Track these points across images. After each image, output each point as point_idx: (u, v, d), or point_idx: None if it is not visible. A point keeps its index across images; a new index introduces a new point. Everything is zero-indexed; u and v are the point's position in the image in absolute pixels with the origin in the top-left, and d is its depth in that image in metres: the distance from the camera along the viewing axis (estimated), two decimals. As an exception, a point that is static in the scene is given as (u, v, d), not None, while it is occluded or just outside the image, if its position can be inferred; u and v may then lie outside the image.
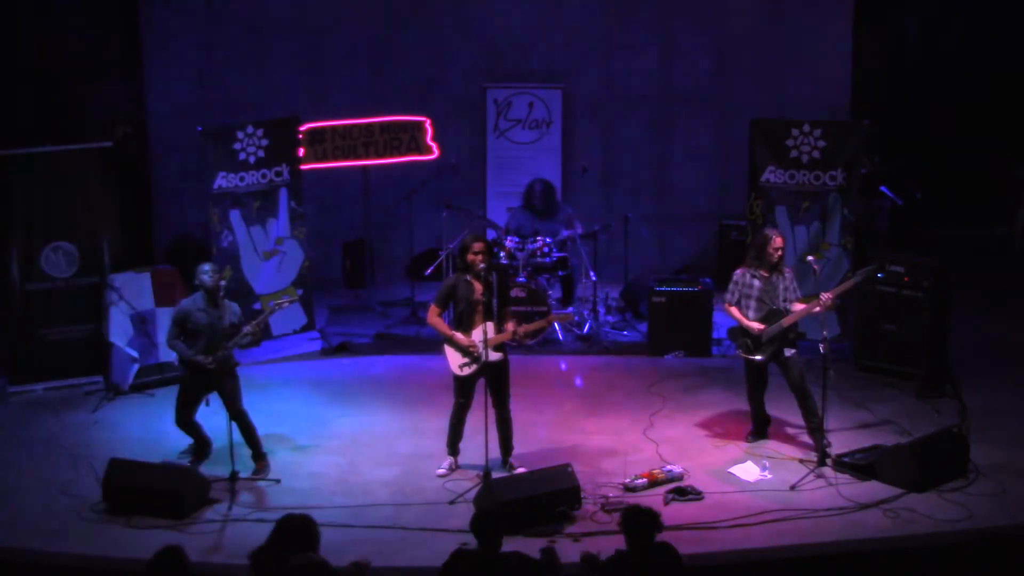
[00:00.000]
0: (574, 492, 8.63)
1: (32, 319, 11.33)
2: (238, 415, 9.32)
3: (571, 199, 14.08)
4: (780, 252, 9.52)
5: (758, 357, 9.56)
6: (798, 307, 9.49)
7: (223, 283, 9.17)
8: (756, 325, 9.51)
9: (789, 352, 9.49)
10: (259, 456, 9.45)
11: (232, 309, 9.37)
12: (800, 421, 9.70)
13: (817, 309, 9.33)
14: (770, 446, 9.79)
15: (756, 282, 9.58)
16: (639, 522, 6.78)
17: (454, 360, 9.22)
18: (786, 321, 9.41)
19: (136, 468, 8.88)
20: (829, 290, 9.60)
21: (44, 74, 13.74)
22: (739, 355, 9.76)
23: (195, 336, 9.23)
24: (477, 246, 9.09)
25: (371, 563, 7.03)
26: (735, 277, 9.72)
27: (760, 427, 9.92)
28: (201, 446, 9.59)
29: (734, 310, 9.66)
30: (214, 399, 9.36)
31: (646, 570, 6.71)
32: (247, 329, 9.21)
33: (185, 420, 9.46)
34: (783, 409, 10.04)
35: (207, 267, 9.31)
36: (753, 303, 9.58)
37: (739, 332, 9.68)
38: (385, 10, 14.65)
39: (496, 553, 6.78)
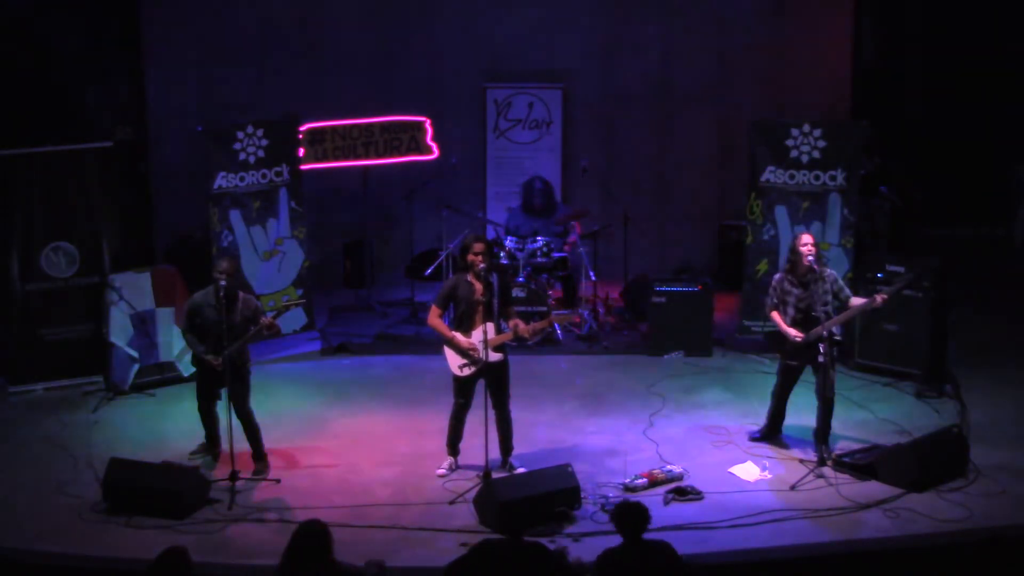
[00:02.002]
0: (574, 492, 8.62)
1: (32, 319, 11.33)
2: (243, 415, 9.33)
3: (571, 199, 14.06)
4: (808, 247, 9.42)
5: (795, 362, 9.56)
6: (856, 302, 9.44)
7: (223, 283, 9.11)
8: (794, 332, 9.48)
9: (823, 359, 9.32)
10: (260, 456, 9.46)
11: (249, 304, 9.32)
12: (799, 422, 9.69)
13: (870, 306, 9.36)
14: (770, 446, 9.79)
15: (795, 290, 9.50)
16: (628, 517, 6.80)
17: (454, 361, 9.21)
18: (822, 327, 9.25)
19: (136, 468, 8.88)
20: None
21: (45, 74, 13.74)
22: (778, 358, 9.76)
23: (205, 331, 9.22)
24: (478, 246, 9.06)
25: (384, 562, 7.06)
26: (773, 282, 9.69)
27: (774, 427, 9.89)
28: (210, 442, 9.63)
29: (775, 315, 9.60)
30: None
31: (641, 566, 6.71)
32: (252, 329, 9.19)
33: (202, 409, 9.51)
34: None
35: (221, 263, 9.28)
36: (791, 309, 9.53)
37: (777, 336, 9.66)
38: (385, 10, 14.65)
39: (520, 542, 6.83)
